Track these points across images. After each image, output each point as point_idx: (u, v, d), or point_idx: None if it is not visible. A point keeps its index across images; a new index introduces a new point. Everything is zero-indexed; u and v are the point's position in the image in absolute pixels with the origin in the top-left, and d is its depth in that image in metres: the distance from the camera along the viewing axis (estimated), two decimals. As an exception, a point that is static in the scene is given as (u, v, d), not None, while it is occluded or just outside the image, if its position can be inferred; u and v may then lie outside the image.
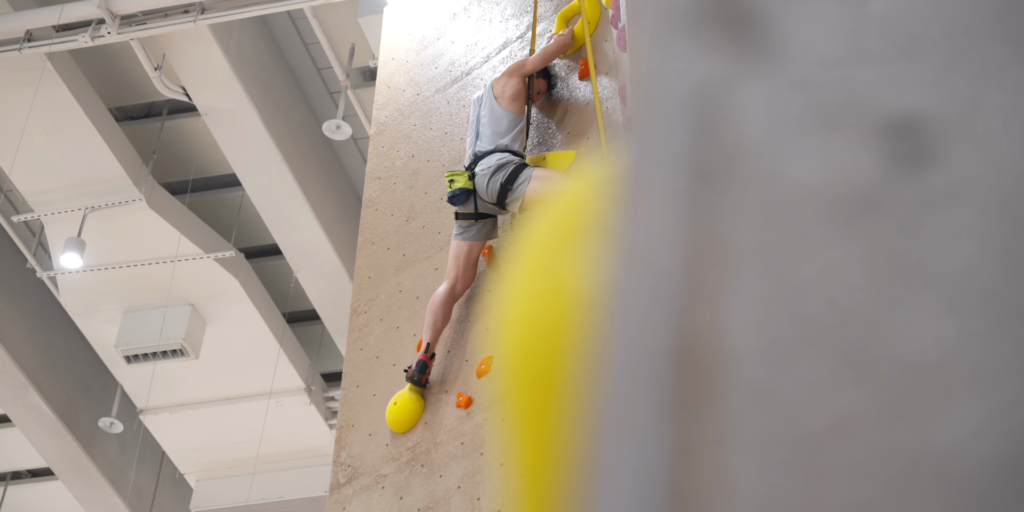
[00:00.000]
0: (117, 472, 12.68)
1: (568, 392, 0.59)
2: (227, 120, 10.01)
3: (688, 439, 0.46)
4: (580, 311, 0.60)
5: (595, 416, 0.50)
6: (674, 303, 0.48)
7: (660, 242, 0.49)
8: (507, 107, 6.19)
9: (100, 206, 10.59)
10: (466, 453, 5.58)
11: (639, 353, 0.48)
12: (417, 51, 7.82)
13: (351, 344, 6.53)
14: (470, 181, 5.99)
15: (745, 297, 0.47)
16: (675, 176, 0.50)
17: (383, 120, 7.59)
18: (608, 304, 0.51)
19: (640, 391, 0.48)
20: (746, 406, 0.45)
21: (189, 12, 9.23)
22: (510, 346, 0.66)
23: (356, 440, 6.08)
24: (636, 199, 0.51)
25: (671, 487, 0.46)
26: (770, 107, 0.49)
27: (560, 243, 0.65)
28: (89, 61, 10.52)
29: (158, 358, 11.44)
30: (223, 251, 11.17)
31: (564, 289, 0.63)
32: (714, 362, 0.47)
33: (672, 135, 0.51)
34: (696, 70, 0.51)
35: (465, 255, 6.03)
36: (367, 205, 7.18)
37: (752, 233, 0.48)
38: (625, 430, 0.48)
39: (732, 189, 0.49)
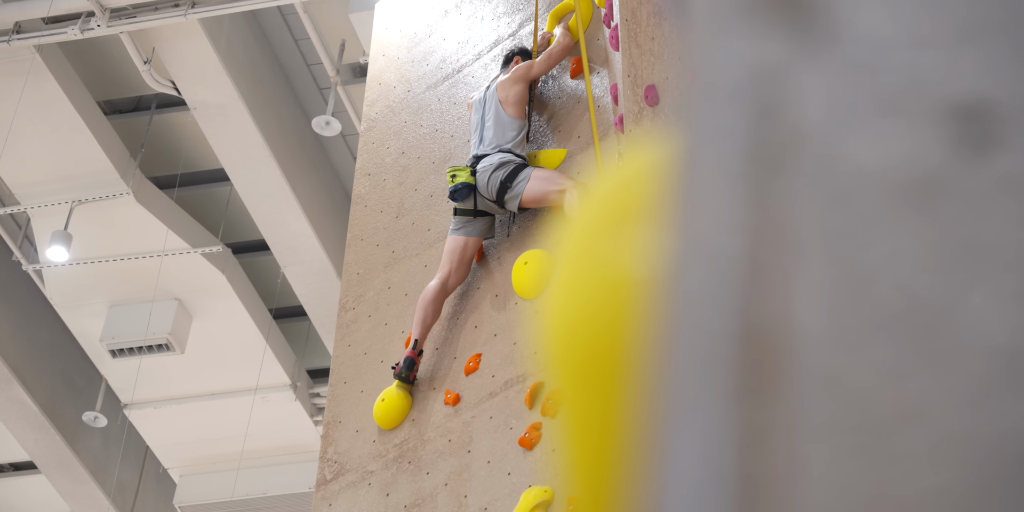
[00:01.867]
0: (100, 466, 12.64)
1: (625, 377, 0.58)
2: (216, 115, 9.99)
3: (757, 424, 0.46)
4: (634, 295, 0.59)
5: (658, 401, 0.49)
6: (738, 287, 0.48)
7: (721, 226, 0.49)
8: (513, 114, 6.21)
9: (87, 199, 10.55)
10: (453, 450, 5.57)
11: (703, 337, 0.48)
12: (408, 48, 7.81)
13: (339, 340, 6.52)
14: (472, 177, 6.00)
15: (811, 281, 0.47)
16: (734, 160, 0.49)
17: (373, 116, 7.58)
18: (668, 288, 0.51)
19: (706, 376, 0.47)
20: (816, 391, 0.45)
21: (179, 6, 9.20)
22: (558, 331, 0.66)
23: (343, 436, 6.07)
24: (694, 182, 0.51)
25: (740, 472, 0.45)
26: (829, 91, 0.49)
27: (608, 227, 0.64)
28: (78, 54, 10.48)
29: (143, 352, 11.40)
30: (210, 246, 11.14)
31: (615, 273, 0.62)
32: (781, 347, 0.46)
33: (730, 118, 0.50)
34: (752, 53, 0.50)
35: (460, 250, 6.03)
36: (356, 201, 7.17)
37: (816, 217, 0.47)
38: (691, 415, 0.47)
39: (793, 173, 0.48)
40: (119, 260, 11.10)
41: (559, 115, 6.46)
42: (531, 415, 5.38)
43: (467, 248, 6.05)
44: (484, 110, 6.33)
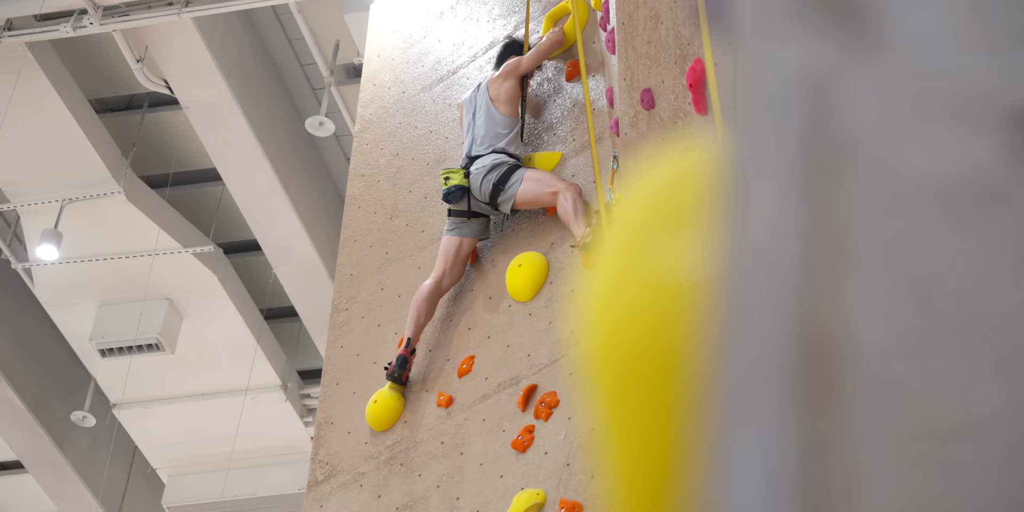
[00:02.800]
0: (88, 466, 12.60)
1: (676, 383, 0.58)
2: (209, 114, 9.97)
3: (819, 433, 0.45)
4: (683, 300, 0.59)
5: (715, 408, 0.49)
6: (795, 293, 0.47)
7: (776, 231, 0.48)
8: (504, 112, 6.20)
9: (78, 198, 10.53)
10: (446, 452, 5.56)
11: (760, 345, 0.47)
12: (403, 49, 7.80)
13: (332, 341, 6.51)
14: (465, 179, 6.00)
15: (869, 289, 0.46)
16: (788, 165, 0.49)
17: (368, 117, 7.57)
18: (722, 293, 0.50)
19: (765, 383, 0.47)
20: (877, 399, 0.44)
21: (173, 4, 9.19)
22: (599, 334, 0.65)
23: (335, 438, 6.06)
24: (747, 187, 0.50)
25: (803, 482, 0.45)
26: (882, 96, 0.48)
27: (652, 230, 0.64)
28: (70, 52, 10.46)
29: (133, 352, 11.37)
30: (201, 246, 11.12)
31: (661, 277, 0.61)
32: (841, 354, 0.46)
33: (782, 123, 0.50)
34: (803, 58, 0.50)
35: (455, 251, 6.03)
36: (350, 202, 7.16)
37: (872, 223, 0.47)
38: (751, 423, 0.47)
39: (848, 178, 0.48)
40: (109, 259, 11.07)
41: (554, 118, 6.45)
42: (524, 417, 5.38)
43: (461, 248, 6.05)
44: (475, 109, 6.32)
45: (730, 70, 0.55)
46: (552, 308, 5.68)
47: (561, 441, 5.16)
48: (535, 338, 5.63)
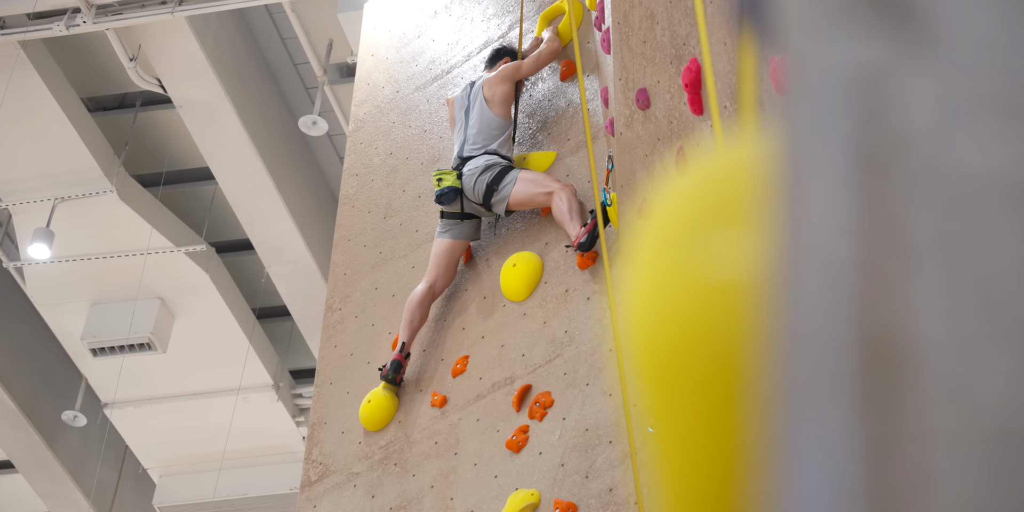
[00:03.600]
0: (79, 466, 12.57)
1: (726, 383, 0.57)
2: (202, 113, 9.95)
3: (883, 434, 0.44)
4: (733, 299, 0.58)
5: (775, 409, 0.48)
6: (854, 294, 0.47)
7: (833, 231, 0.48)
8: (498, 113, 6.19)
9: (70, 197, 10.50)
10: (440, 452, 5.55)
11: (820, 346, 0.47)
12: (397, 48, 7.79)
13: (325, 341, 6.50)
14: (458, 180, 5.99)
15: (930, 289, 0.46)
16: (842, 163, 0.48)
17: (361, 117, 7.56)
18: (778, 293, 0.49)
19: (827, 384, 0.46)
20: (942, 401, 0.44)
21: (167, 3, 9.17)
22: (643, 333, 0.64)
23: (328, 437, 6.05)
24: (800, 186, 0.49)
25: (869, 484, 0.44)
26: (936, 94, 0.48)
27: (693, 229, 0.63)
28: (62, 50, 10.43)
29: (125, 351, 11.35)
30: (194, 245, 11.10)
31: (706, 276, 0.60)
32: (904, 355, 0.45)
33: (834, 121, 0.49)
34: (854, 55, 0.49)
35: (447, 254, 6.02)
36: (344, 202, 7.14)
37: (930, 223, 0.46)
38: (814, 424, 0.46)
39: (903, 177, 0.47)
40: (101, 258, 11.05)
41: (549, 118, 6.45)
42: (518, 418, 5.37)
43: (454, 251, 6.04)
44: (468, 108, 6.30)
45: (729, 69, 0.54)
46: (547, 308, 5.67)
47: (556, 441, 5.16)
48: (529, 338, 5.62)
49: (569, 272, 5.72)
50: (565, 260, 5.78)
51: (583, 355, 5.35)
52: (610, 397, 5.11)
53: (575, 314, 5.54)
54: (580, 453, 5.05)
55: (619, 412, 5.03)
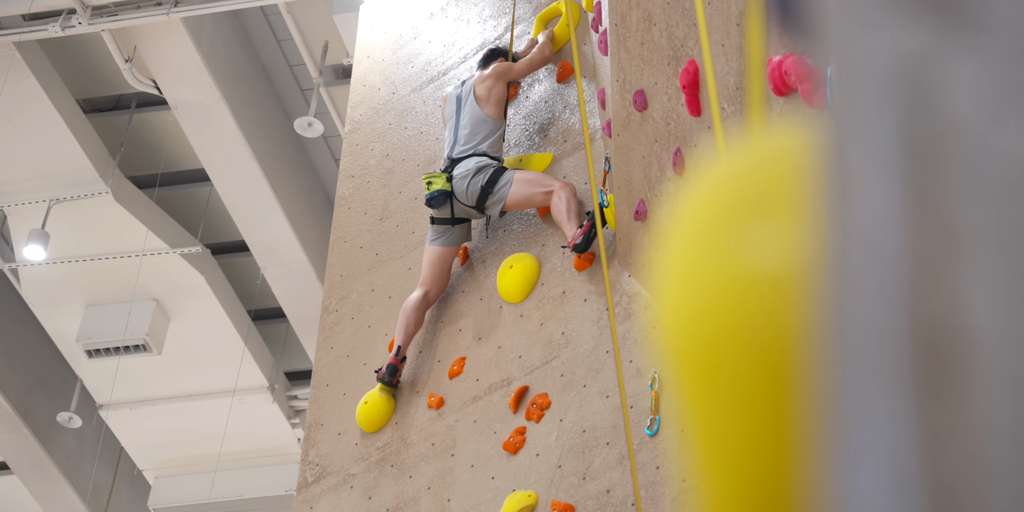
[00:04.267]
0: (74, 467, 12.55)
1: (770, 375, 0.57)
2: (198, 114, 9.94)
3: (940, 425, 0.44)
4: (774, 291, 0.58)
5: (826, 400, 0.48)
6: (906, 283, 0.47)
7: (882, 221, 0.48)
8: (490, 113, 6.16)
9: (65, 198, 10.49)
10: (436, 454, 5.55)
11: (873, 336, 0.47)
12: (393, 50, 7.79)
13: (321, 342, 6.49)
14: (448, 184, 5.96)
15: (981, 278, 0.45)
16: (889, 152, 0.48)
17: (357, 118, 7.56)
18: (826, 284, 0.49)
19: (880, 375, 0.46)
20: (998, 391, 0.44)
21: (162, 4, 9.16)
22: (680, 327, 0.64)
23: (325, 439, 6.04)
24: (845, 175, 0.49)
25: (926, 476, 0.44)
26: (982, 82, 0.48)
27: (730, 221, 0.62)
28: (58, 52, 10.42)
29: (120, 353, 11.34)
30: (189, 246, 11.09)
31: (745, 268, 0.60)
32: (958, 345, 0.45)
33: (880, 110, 0.49)
34: (899, 43, 0.49)
35: (439, 261, 6.00)
36: (340, 203, 7.14)
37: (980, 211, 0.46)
38: (869, 415, 0.46)
39: (951, 166, 0.47)
40: (97, 260, 11.04)
41: (545, 119, 6.45)
42: (515, 419, 5.37)
43: (446, 258, 6.03)
44: (460, 106, 6.28)
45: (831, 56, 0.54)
46: (543, 310, 5.67)
47: (553, 443, 5.16)
48: (526, 340, 5.62)
49: (566, 274, 5.72)
50: (562, 262, 5.78)
51: (580, 357, 5.35)
52: (607, 399, 5.10)
53: (572, 316, 5.54)
54: (577, 454, 5.04)
55: (617, 414, 5.02)
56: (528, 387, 5.42)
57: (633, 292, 5.33)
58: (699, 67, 4.56)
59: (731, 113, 4.16)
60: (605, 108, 5.72)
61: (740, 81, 4.09)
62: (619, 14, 5.19)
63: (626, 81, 5.20)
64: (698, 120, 4.62)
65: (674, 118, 4.83)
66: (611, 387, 5.13)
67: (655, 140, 5.01)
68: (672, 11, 4.74)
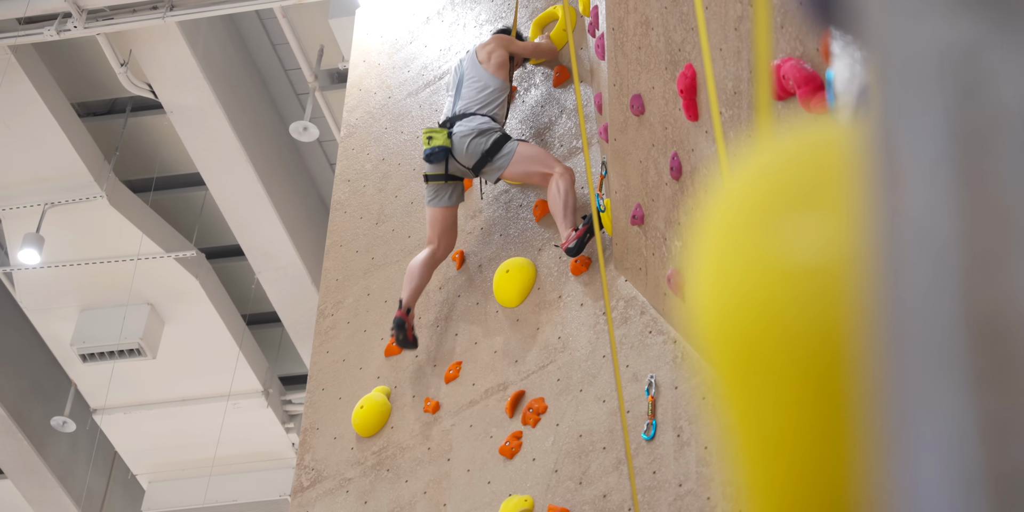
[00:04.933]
0: (67, 472, 12.53)
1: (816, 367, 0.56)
2: (193, 118, 9.93)
3: (1000, 415, 0.44)
4: (818, 283, 0.57)
5: (881, 392, 0.48)
6: (961, 273, 0.46)
7: (935, 210, 0.47)
8: (493, 72, 6.16)
9: (60, 202, 10.48)
10: (433, 458, 5.54)
11: (928, 327, 0.46)
12: (389, 54, 7.79)
13: (317, 347, 6.48)
14: (448, 140, 5.92)
15: None
16: (939, 141, 0.48)
17: (353, 122, 7.55)
18: (878, 276, 0.49)
19: (937, 367, 0.46)
20: None
21: (158, 8, 9.15)
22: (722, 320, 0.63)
23: (321, 443, 6.03)
24: (896, 166, 0.49)
25: (987, 467, 0.43)
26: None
27: (769, 212, 0.62)
28: (53, 56, 10.41)
29: (115, 357, 11.32)
30: (184, 251, 11.08)
31: (788, 260, 0.60)
32: (1014, 333, 0.45)
33: (928, 99, 0.49)
34: (945, 32, 0.49)
35: (441, 221, 5.98)
36: (336, 207, 7.13)
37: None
38: (926, 408, 0.45)
39: (1001, 154, 0.47)
40: (91, 264, 11.02)
41: (541, 124, 6.45)
42: (511, 424, 5.36)
43: (447, 218, 6.00)
44: (463, 71, 6.27)
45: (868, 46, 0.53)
46: (540, 314, 5.67)
47: (549, 447, 5.15)
48: (523, 344, 5.62)
49: (562, 278, 5.72)
50: (558, 266, 5.78)
51: (576, 361, 5.34)
52: (604, 403, 5.10)
53: (568, 320, 5.54)
54: (574, 459, 5.04)
55: (613, 418, 5.02)
56: (524, 391, 5.41)
57: (630, 297, 5.32)
58: (697, 72, 4.56)
59: (729, 118, 4.16)
60: (602, 112, 5.72)
61: (738, 85, 4.09)
62: (616, 18, 5.19)
63: (623, 85, 5.20)
64: (696, 124, 4.62)
65: (671, 123, 4.82)
66: (607, 392, 5.12)
67: (652, 145, 5.01)
68: (670, 15, 4.74)
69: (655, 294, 5.12)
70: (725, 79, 4.09)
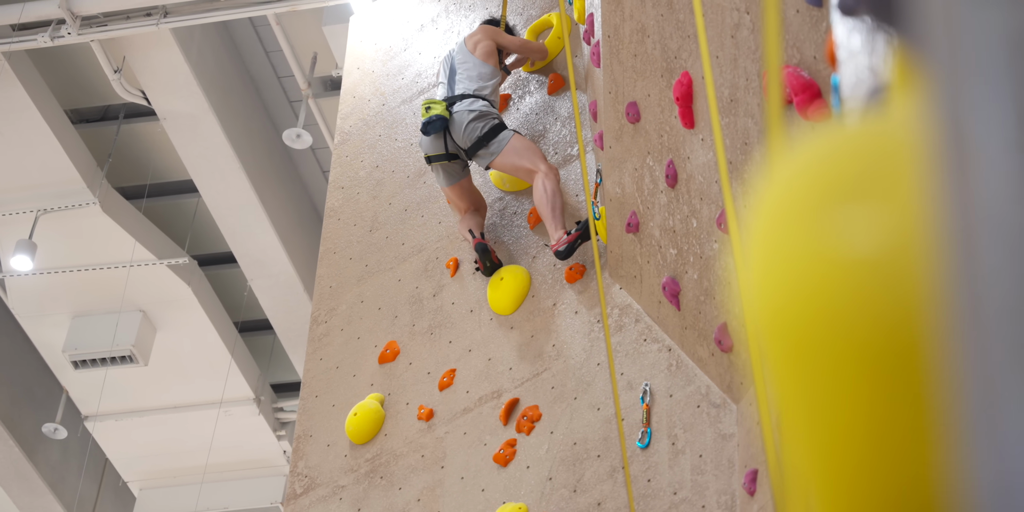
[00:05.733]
0: (58, 479, 12.49)
1: (886, 359, 0.56)
2: (186, 125, 9.92)
3: None
4: (883, 273, 0.57)
5: (960, 384, 0.47)
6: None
7: (1010, 197, 0.47)
8: (483, 59, 6.28)
9: (53, 209, 10.46)
10: (426, 466, 5.53)
11: (1008, 316, 0.46)
12: (384, 61, 7.78)
13: (311, 354, 6.47)
14: (447, 111, 6.01)
15: None
16: (1010, 129, 0.48)
17: (347, 129, 7.55)
18: (950, 265, 0.49)
19: (1018, 356, 0.45)
20: None
21: (152, 15, 9.14)
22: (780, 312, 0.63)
23: (314, 450, 6.02)
24: (965, 155, 0.49)
25: None
26: None
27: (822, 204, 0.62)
28: (46, 62, 10.40)
29: (107, 364, 11.29)
30: (176, 258, 11.06)
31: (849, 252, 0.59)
32: None
33: (998, 88, 0.49)
34: (1010, 21, 0.49)
35: (467, 193, 6.10)
36: (329, 214, 7.12)
37: None
38: (1009, 398, 0.45)
39: None
40: (84, 270, 11.00)
41: (536, 131, 6.45)
42: (505, 431, 5.35)
43: (468, 187, 6.12)
44: (453, 60, 6.37)
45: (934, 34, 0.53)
46: (534, 322, 5.66)
47: (543, 455, 5.14)
48: (517, 351, 5.61)
49: (557, 286, 5.72)
50: (553, 274, 5.78)
51: (571, 369, 5.34)
52: (598, 411, 5.10)
53: (563, 328, 5.53)
54: (568, 467, 5.03)
55: (607, 426, 5.02)
56: (519, 399, 5.41)
57: (624, 305, 5.32)
58: (693, 79, 4.57)
59: (726, 125, 4.16)
60: (597, 120, 5.72)
61: (735, 93, 4.10)
62: (612, 26, 5.19)
63: (619, 93, 5.20)
64: (692, 132, 4.62)
65: (667, 130, 4.83)
66: (602, 399, 5.12)
67: (648, 152, 5.01)
68: (666, 23, 4.75)
69: (650, 302, 5.12)
70: (722, 87, 4.10)
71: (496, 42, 6.40)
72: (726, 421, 4.55)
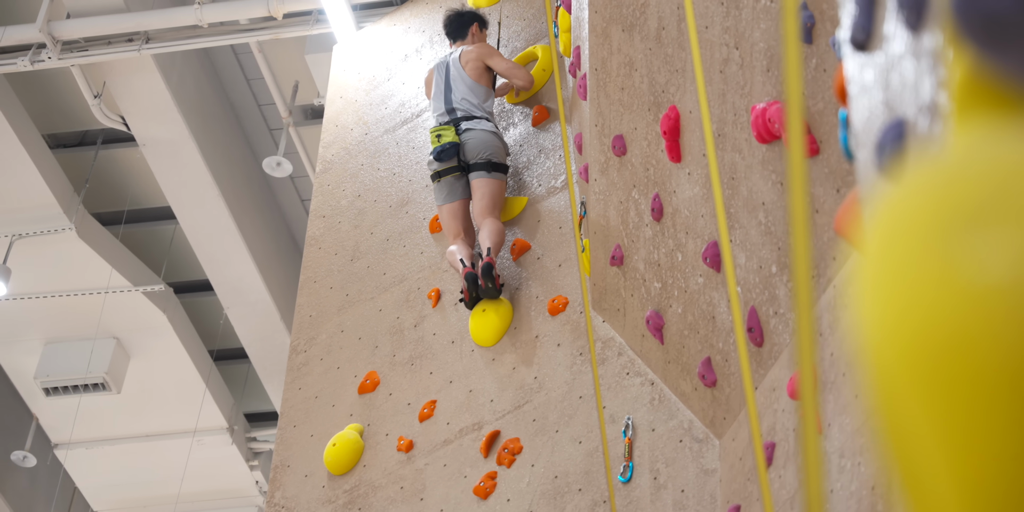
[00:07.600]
0: (26, 507, 12.34)
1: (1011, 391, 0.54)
2: (166, 152, 9.88)
3: None
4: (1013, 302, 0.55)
5: None
6: None
7: None
8: (476, 79, 6.42)
9: (28, 234, 10.37)
10: (405, 497, 5.49)
11: None
12: (367, 91, 7.78)
13: (289, 383, 6.42)
14: (457, 136, 6.17)
15: None
16: None
17: (329, 158, 7.53)
18: None
19: None
20: None
21: (133, 41, 9.11)
22: (906, 346, 0.61)
23: (291, 481, 5.96)
24: None
25: None
26: None
27: (948, 231, 0.60)
28: (24, 86, 10.35)
29: (79, 391, 11.19)
30: (152, 284, 10.98)
31: (983, 280, 0.58)
32: None
33: None
34: None
35: (461, 215, 6.16)
36: (310, 243, 7.09)
37: None
38: None
39: None
40: (58, 296, 10.91)
41: (520, 163, 6.45)
42: (486, 464, 5.32)
43: (464, 208, 6.20)
44: (448, 74, 6.49)
45: None
46: (516, 354, 5.64)
47: (524, 488, 5.11)
48: (498, 383, 5.58)
49: (539, 318, 5.70)
50: (535, 306, 5.76)
51: (553, 402, 5.31)
52: (580, 444, 5.06)
53: (545, 360, 5.51)
54: (549, 500, 5.00)
55: (589, 460, 4.98)
56: (499, 431, 5.37)
57: (607, 338, 5.30)
58: (680, 113, 4.57)
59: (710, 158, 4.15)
60: (582, 152, 5.72)
61: (722, 128, 4.10)
62: (599, 59, 5.19)
63: (605, 126, 5.20)
64: (678, 166, 4.62)
65: (653, 164, 4.82)
66: (584, 433, 5.09)
67: (633, 185, 5.00)
68: (654, 57, 4.75)
69: (633, 335, 5.10)
70: (710, 121, 4.10)
71: (486, 62, 6.49)
72: (708, 456, 4.53)
